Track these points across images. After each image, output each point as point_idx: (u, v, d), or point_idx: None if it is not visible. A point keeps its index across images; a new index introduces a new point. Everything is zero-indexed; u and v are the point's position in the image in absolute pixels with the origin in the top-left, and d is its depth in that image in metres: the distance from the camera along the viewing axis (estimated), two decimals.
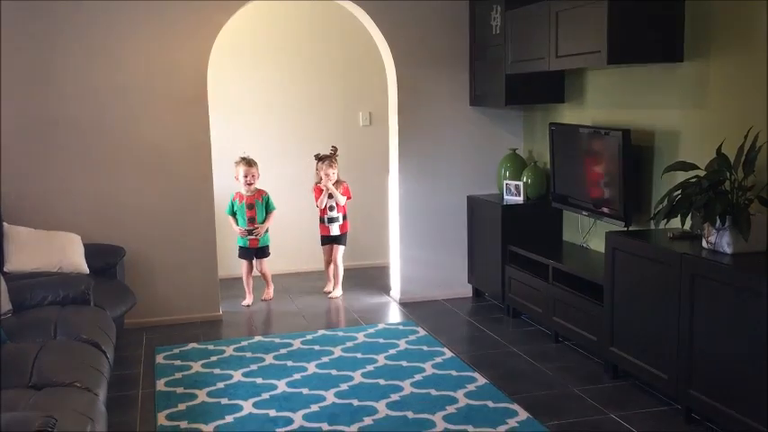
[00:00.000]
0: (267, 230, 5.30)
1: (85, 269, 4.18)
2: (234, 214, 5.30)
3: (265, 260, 5.36)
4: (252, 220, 5.25)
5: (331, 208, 5.45)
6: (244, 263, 5.33)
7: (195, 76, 4.78)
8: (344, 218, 5.51)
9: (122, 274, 4.58)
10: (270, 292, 5.42)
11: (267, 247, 5.35)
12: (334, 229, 5.48)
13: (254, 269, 5.36)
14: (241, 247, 5.33)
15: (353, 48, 6.15)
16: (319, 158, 5.46)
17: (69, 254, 4.18)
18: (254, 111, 6.07)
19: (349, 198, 5.51)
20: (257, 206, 5.26)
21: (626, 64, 3.92)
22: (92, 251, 4.35)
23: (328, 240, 5.52)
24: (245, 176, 5.23)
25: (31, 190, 4.57)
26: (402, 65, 5.11)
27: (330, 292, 5.53)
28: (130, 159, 4.74)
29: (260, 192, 5.30)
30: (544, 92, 4.83)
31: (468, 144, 5.28)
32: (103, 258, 4.40)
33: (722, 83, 3.50)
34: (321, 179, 5.43)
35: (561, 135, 4.56)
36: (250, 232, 5.25)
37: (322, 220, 5.50)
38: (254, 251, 5.30)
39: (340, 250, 5.52)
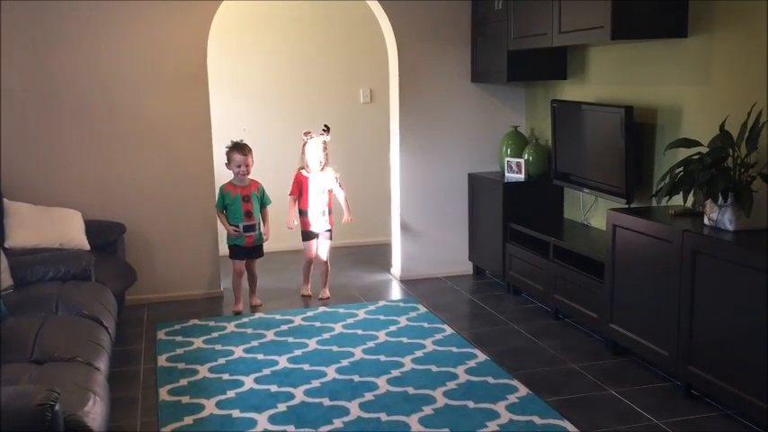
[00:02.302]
0: (260, 227, 4.68)
1: (86, 245, 4.18)
2: (224, 209, 4.62)
3: (258, 260, 4.76)
4: (249, 215, 4.59)
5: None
6: (235, 263, 4.67)
7: (195, 53, 4.74)
8: (330, 212, 4.84)
9: (123, 250, 4.58)
10: (257, 297, 4.77)
11: (262, 245, 4.73)
12: (318, 225, 4.83)
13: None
14: (235, 247, 4.64)
15: (354, 23, 6.10)
16: (310, 138, 4.76)
17: (70, 230, 4.18)
18: (253, 88, 6.04)
19: (342, 189, 4.87)
20: (253, 198, 4.61)
21: (630, 40, 3.88)
22: (92, 228, 4.35)
23: (310, 236, 4.84)
24: (239, 165, 4.53)
25: (31, 166, 4.55)
26: (403, 41, 5.07)
27: (309, 296, 4.88)
28: (131, 136, 4.72)
29: (254, 182, 4.66)
30: (546, 68, 4.79)
31: (470, 121, 5.26)
32: (104, 235, 4.40)
33: (726, 59, 3.47)
34: (306, 164, 4.75)
35: (563, 112, 4.54)
36: (247, 229, 4.61)
37: (304, 214, 4.80)
38: (250, 250, 4.66)
39: (328, 246, 4.86)
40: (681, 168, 3.26)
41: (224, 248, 4.99)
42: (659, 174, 3.72)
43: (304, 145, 4.75)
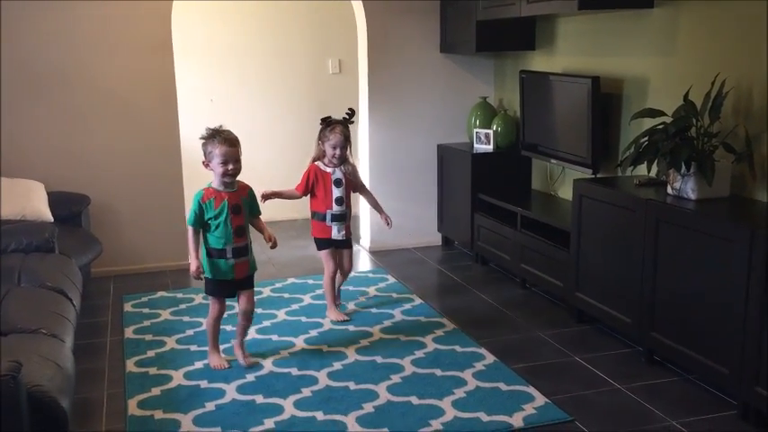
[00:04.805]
0: (252, 249, 3.38)
1: (49, 217, 4.11)
2: (204, 225, 3.22)
3: (251, 292, 3.41)
4: (240, 233, 3.23)
5: (339, 200, 3.82)
6: (214, 302, 3.33)
7: (160, 21, 4.64)
8: (351, 217, 3.96)
9: (88, 222, 4.51)
10: (247, 353, 3.42)
11: (254, 273, 3.43)
12: (338, 232, 3.86)
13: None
14: (220, 282, 3.27)
15: None
16: (327, 123, 3.79)
17: (32, 201, 4.10)
18: (220, 58, 5.95)
19: (365, 186, 4.12)
20: (245, 208, 3.28)
21: (597, 10, 3.89)
22: (56, 199, 4.27)
23: (328, 244, 3.91)
24: (226, 162, 3.15)
25: None
26: (371, 11, 5.02)
27: (348, 319, 3.92)
28: (94, 106, 4.63)
29: (243, 186, 3.32)
30: (515, 39, 4.79)
31: (439, 92, 5.25)
32: (68, 206, 4.33)
33: (692, 29, 3.50)
34: (323, 154, 3.80)
35: (531, 83, 4.54)
36: (238, 254, 3.25)
37: (320, 217, 3.84)
38: (240, 282, 3.33)
39: (351, 255, 4.00)
40: (645, 138, 3.30)
41: None
42: (625, 144, 3.75)
43: (322, 130, 3.80)
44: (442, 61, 5.22)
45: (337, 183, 3.82)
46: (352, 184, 3.90)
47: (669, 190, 3.29)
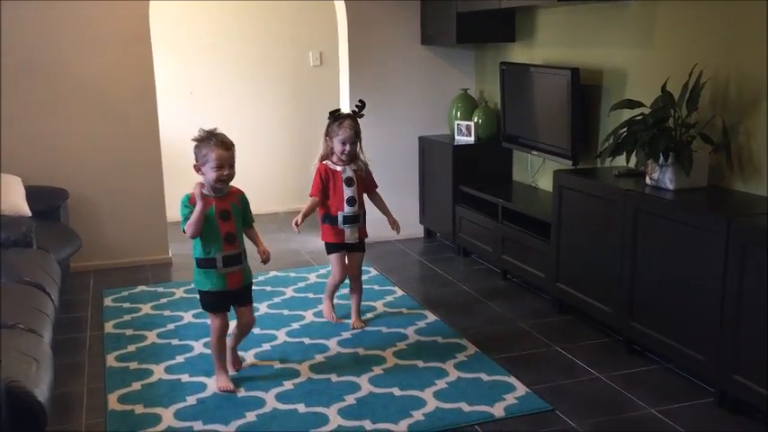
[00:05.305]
0: (246, 258, 3.15)
1: (27, 211, 4.06)
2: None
3: (250, 308, 3.21)
4: (231, 239, 3.01)
5: (351, 201, 3.60)
6: (214, 318, 3.09)
7: (137, 13, 4.60)
8: (365, 218, 3.73)
9: (66, 216, 4.47)
10: (237, 360, 3.28)
11: (251, 285, 3.22)
12: (351, 235, 3.64)
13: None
14: (214, 294, 3.04)
15: None
16: (336, 118, 3.55)
17: (9, 196, 4.05)
18: (200, 50, 5.90)
19: (376, 187, 3.78)
20: (235, 214, 3.05)
21: (576, 2, 3.90)
22: (33, 194, 4.23)
23: (338, 248, 3.68)
24: (221, 167, 2.94)
25: None
26: (352, 3, 5.01)
27: (357, 325, 3.71)
28: (72, 99, 4.58)
29: (234, 191, 3.10)
30: (495, 31, 4.80)
31: (420, 84, 5.25)
32: (46, 201, 4.29)
33: (669, 21, 3.52)
34: (331, 151, 3.58)
35: (512, 74, 4.55)
36: (229, 262, 3.03)
37: (331, 221, 3.61)
38: (235, 294, 3.11)
39: (361, 258, 3.74)
40: (624, 129, 3.32)
41: (172, 213, 4.56)
42: (604, 135, 3.76)
43: (330, 125, 3.56)
44: (423, 53, 5.22)
45: (348, 182, 3.56)
46: (364, 182, 3.65)
47: (648, 180, 3.32)
